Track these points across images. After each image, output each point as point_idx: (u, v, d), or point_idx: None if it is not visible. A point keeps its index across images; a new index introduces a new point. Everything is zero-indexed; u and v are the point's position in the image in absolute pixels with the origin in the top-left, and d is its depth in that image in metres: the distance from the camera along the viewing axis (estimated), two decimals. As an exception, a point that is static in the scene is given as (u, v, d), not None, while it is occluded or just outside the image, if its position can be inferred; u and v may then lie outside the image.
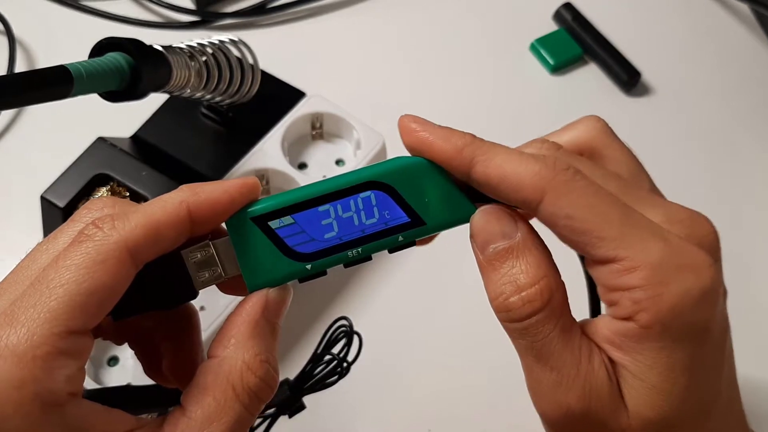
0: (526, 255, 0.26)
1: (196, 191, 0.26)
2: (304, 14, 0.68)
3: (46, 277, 0.24)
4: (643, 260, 0.25)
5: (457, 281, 0.53)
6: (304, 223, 0.27)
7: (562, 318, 0.26)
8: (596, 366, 0.26)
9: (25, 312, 0.23)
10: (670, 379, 0.25)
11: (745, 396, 0.29)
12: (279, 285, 0.27)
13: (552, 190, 0.26)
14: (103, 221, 0.25)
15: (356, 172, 0.27)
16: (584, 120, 0.31)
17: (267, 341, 0.27)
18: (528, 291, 0.26)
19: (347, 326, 0.36)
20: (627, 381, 0.26)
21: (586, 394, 0.26)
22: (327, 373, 0.37)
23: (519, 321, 0.26)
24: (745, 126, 0.63)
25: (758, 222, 0.58)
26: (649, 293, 0.25)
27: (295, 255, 0.27)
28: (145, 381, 0.31)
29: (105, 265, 0.24)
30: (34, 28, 0.66)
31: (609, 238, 0.25)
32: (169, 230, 0.26)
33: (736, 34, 0.68)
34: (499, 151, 0.27)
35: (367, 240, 0.27)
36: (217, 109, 0.54)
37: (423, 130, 0.28)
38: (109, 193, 0.50)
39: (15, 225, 0.56)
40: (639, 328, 0.25)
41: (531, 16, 0.68)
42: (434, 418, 0.48)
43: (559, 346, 0.26)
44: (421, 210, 0.28)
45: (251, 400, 0.26)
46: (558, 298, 0.26)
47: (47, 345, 0.23)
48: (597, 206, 0.25)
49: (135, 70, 0.39)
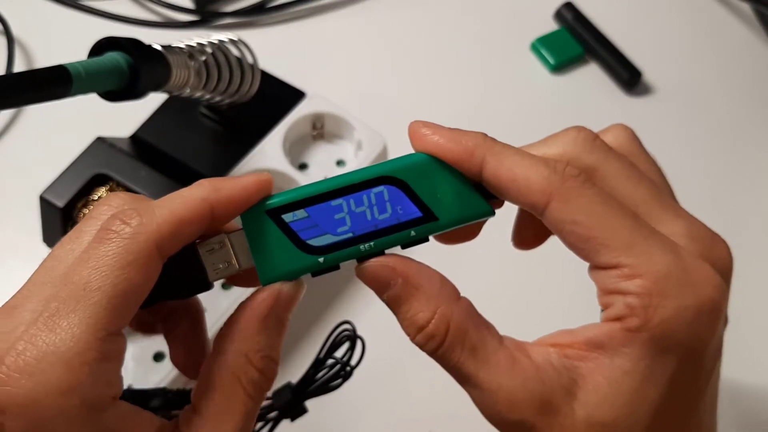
0: (413, 295, 0.27)
1: (216, 187, 0.27)
2: (304, 14, 0.68)
3: (81, 279, 0.24)
4: (647, 269, 0.25)
5: (457, 282, 0.52)
6: (318, 216, 0.27)
7: (467, 339, 0.26)
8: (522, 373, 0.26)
9: (66, 317, 0.24)
10: (641, 391, 0.25)
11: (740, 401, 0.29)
12: (292, 278, 0.28)
13: (558, 196, 0.26)
14: (129, 216, 0.25)
15: (369, 167, 0.28)
16: (613, 127, 0.31)
17: (272, 337, 0.27)
18: (426, 330, 0.26)
19: (350, 330, 0.36)
20: (591, 382, 0.25)
21: (513, 404, 0.26)
22: (330, 377, 0.37)
23: (433, 354, 0.27)
24: (747, 125, 0.63)
25: (760, 221, 0.58)
26: (645, 302, 0.25)
27: (309, 248, 0.27)
28: (147, 384, 0.31)
29: (137, 264, 0.24)
30: (32, 27, 0.66)
31: (613, 246, 0.25)
32: (193, 226, 0.26)
33: (738, 33, 0.68)
34: (509, 154, 0.27)
35: (380, 234, 0.28)
36: (216, 109, 0.54)
37: (433, 134, 0.28)
38: (108, 193, 0.49)
39: (14, 225, 0.55)
40: (626, 331, 0.25)
41: (532, 16, 0.68)
42: (435, 418, 0.48)
43: (474, 366, 0.26)
44: (433, 205, 0.28)
45: (256, 392, 0.27)
46: (456, 322, 0.26)
47: (92, 350, 0.23)
48: (603, 214, 0.26)
49: (134, 69, 0.39)
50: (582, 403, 0.25)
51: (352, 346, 0.36)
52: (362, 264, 0.28)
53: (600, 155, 0.28)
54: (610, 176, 0.27)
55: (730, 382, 0.29)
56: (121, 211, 0.26)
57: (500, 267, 0.52)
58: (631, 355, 0.25)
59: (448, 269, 0.28)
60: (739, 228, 0.57)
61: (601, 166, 0.28)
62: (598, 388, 0.25)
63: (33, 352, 0.23)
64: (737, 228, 0.58)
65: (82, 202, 0.50)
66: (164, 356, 0.47)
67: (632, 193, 0.27)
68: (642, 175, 0.28)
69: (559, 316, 0.31)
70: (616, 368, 0.25)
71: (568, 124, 0.31)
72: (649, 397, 0.25)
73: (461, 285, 0.28)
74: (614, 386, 0.25)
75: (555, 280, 0.52)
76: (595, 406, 0.25)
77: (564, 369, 0.26)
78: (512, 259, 0.37)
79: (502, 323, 0.28)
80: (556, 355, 0.26)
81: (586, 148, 0.28)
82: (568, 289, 0.51)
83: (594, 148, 0.28)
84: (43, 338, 0.23)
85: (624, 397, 0.25)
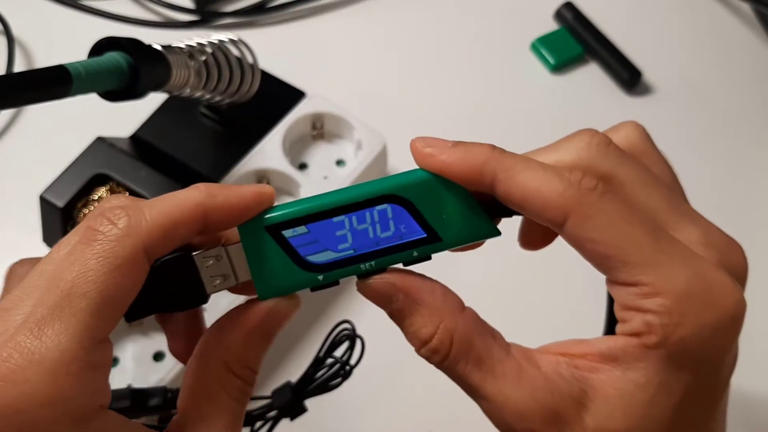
0: (416, 310, 0.26)
1: (212, 193, 0.26)
2: (304, 13, 0.68)
3: (66, 284, 0.23)
4: (666, 287, 0.24)
5: (457, 283, 0.52)
6: (319, 233, 0.26)
7: (472, 351, 0.26)
8: (530, 383, 0.26)
9: (51, 325, 0.23)
10: (654, 403, 0.25)
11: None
12: (289, 293, 0.27)
13: (575, 213, 0.25)
14: (117, 216, 0.24)
15: (374, 183, 0.27)
16: (623, 125, 0.30)
17: (255, 350, 0.27)
18: (430, 344, 0.26)
19: (350, 329, 0.36)
20: (602, 393, 0.25)
21: (521, 415, 0.25)
22: (329, 376, 0.37)
23: (438, 366, 0.27)
24: (747, 124, 0.63)
25: (760, 221, 0.58)
26: (664, 321, 0.24)
27: (308, 265, 0.27)
28: (147, 383, 0.31)
29: (124, 268, 0.24)
30: (33, 27, 0.66)
31: (633, 264, 0.25)
32: (184, 229, 0.25)
33: (738, 33, 0.68)
34: (521, 168, 0.26)
35: (382, 253, 0.27)
36: (216, 109, 0.54)
37: (439, 154, 0.26)
38: (108, 193, 0.50)
39: (14, 225, 0.56)
40: (643, 346, 0.25)
41: (532, 16, 0.68)
42: (435, 418, 0.48)
43: (480, 377, 0.26)
44: (438, 226, 0.27)
45: (240, 395, 0.27)
46: (460, 335, 0.26)
47: (78, 360, 0.23)
48: (622, 231, 0.25)
49: (134, 69, 0.39)
50: (592, 414, 0.25)
51: (352, 345, 0.36)
52: (363, 280, 0.27)
53: (615, 161, 0.27)
54: (626, 183, 0.27)
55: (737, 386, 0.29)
56: (108, 209, 0.25)
57: (507, 269, 0.52)
58: (646, 370, 0.25)
59: (452, 274, 0.28)
60: (739, 228, 0.57)
61: (618, 173, 0.27)
62: (608, 399, 0.25)
63: (18, 360, 0.22)
64: (738, 228, 0.58)
65: (82, 202, 0.50)
66: (164, 356, 0.47)
67: (649, 201, 0.27)
68: (657, 180, 0.27)
69: (565, 319, 0.31)
70: (629, 381, 0.25)
71: (568, 123, 0.31)
72: (663, 408, 0.25)
73: (467, 288, 0.28)
74: (626, 398, 0.25)
75: (561, 282, 0.52)
76: (606, 417, 0.25)
77: (574, 380, 0.25)
78: (518, 261, 0.37)
79: (509, 327, 0.28)
80: (566, 364, 0.26)
81: (600, 154, 0.27)
82: (575, 292, 0.51)
83: (609, 154, 0.27)
84: (28, 345, 0.22)
85: (636, 409, 0.25)
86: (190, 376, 0.27)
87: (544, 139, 0.29)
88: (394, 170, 0.57)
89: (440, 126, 0.61)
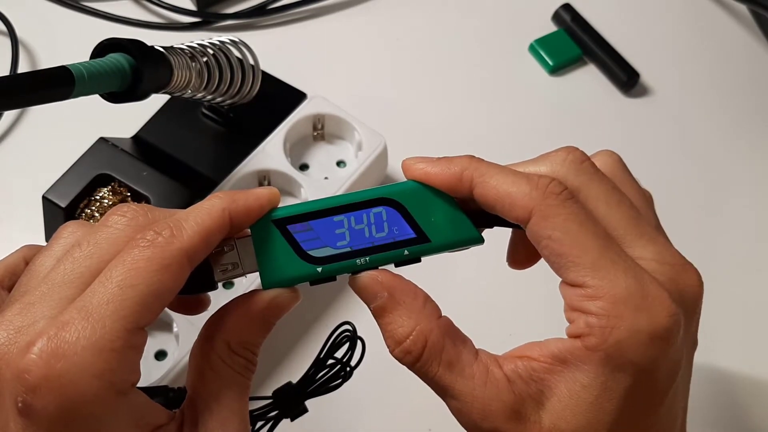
0: (396, 309, 0.29)
1: (233, 198, 0.29)
2: (305, 15, 0.69)
3: (115, 276, 0.26)
4: (608, 292, 0.27)
5: (456, 283, 0.53)
6: (320, 230, 0.30)
7: (443, 355, 0.29)
8: (495, 384, 0.28)
9: (98, 309, 0.25)
10: (598, 404, 0.27)
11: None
12: (292, 284, 0.30)
13: (538, 212, 0.28)
14: (162, 227, 0.27)
15: (372, 189, 0.30)
16: (600, 154, 0.32)
17: (255, 335, 0.30)
18: (404, 344, 0.29)
19: (351, 331, 0.36)
20: (557, 392, 0.28)
21: (486, 413, 0.28)
22: (330, 377, 0.37)
23: (411, 368, 0.29)
24: (744, 126, 0.63)
25: (756, 223, 0.58)
26: (602, 323, 0.27)
27: (309, 258, 0.30)
28: (148, 381, 0.32)
29: (170, 270, 0.27)
30: (36, 29, 0.66)
31: (582, 265, 0.27)
32: (218, 235, 0.29)
33: (735, 34, 0.68)
34: (494, 173, 0.29)
35: (376, 251, 0.30)
36: (218, 110, 0.54)
37: (425, 166, 0.30)
38: (110, 194, 0.50)
39: (16, 225, 0.56)
40: (584, 348, 0.27)
41: (530, 17, 0.68)
42: (435, 418, 0.48)
43: (450, 379, 0.28)
44: (427, 228, 0.30)
45: (244, 371, 0.30)
46: (434, 339, 0.29)
47: (121, 340, 0.25)
48: (577, 233, 0.27)
49: (136, 70, 0.39)
50: (549, 413, 0.28)
51: (353, 346, 0.37)
52: (355, 275, 0.30)
53: (585, 177, 0.29)
54: (591, 198, 0.29)
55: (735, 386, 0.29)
56: (154, 223, 0.28)
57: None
58: (589, 372, 0.27)
59: (446, 271, 0.29)
60: (734, 229, 0.57)
61: (585, 188, 0.29)
62: (561, 399, 0.27)
63: (65, 337, 0.25)
64: (737, 228, 0.58)
65: (85, 201, 0.50)
66: (166, 354, 0.47)
67: (610, 216, 0.29)
68: (622, 199, 0.29)
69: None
70: (577, 382, 0.27)
71: (566, 125, 0.31)
72: (605, 409, 0.27)
73: (460, 287, 0.29)
74: (575, 398, 0.27)
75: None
76: (559, 416, 0.27)
77: (531, 380, 0.28)
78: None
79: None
80: (524, 367, 0.28)
81: (572, 169, 0.30)
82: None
83: (581, 170, 0.30)
84: (75, 326, 0.25)
85: (583, 409, 0.27)
86: (195, 356, 0.30)
87: (542, 140, 0.30)
88: (395, 171, 0.57)
89: (440, 127, 0.61)
